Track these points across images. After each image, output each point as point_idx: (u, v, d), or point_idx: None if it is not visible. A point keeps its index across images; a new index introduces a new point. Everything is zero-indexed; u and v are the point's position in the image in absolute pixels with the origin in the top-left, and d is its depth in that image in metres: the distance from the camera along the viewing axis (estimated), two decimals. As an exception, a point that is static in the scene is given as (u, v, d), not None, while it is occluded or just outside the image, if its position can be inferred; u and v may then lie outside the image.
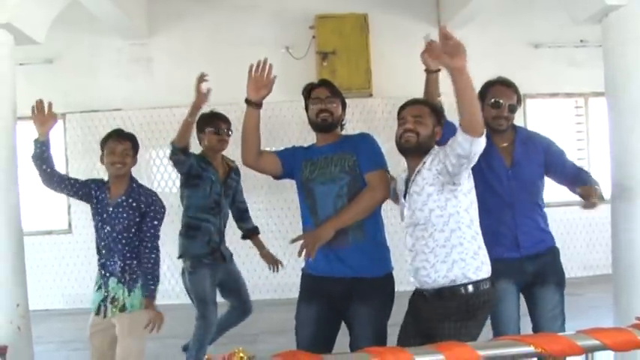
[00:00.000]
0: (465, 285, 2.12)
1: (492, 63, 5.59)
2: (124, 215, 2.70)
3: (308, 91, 2.60)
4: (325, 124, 2.49)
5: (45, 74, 5.39)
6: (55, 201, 5.61)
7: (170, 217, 3.04)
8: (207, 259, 3.25)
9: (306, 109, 2.59)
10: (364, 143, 2.50)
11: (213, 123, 3.31)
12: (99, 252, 2.78)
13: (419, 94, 2.91)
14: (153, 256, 2.72)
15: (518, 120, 2.75)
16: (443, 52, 1.93)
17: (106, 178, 2.80)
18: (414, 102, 2.37)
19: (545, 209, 2.65)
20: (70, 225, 5.64)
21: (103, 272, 2.74)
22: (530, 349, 1.37)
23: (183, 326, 5.07)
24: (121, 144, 2.71)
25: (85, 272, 5.52)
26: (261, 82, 2.42)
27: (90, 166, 5.54)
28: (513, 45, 5.83)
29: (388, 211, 2.68)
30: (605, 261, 3.05)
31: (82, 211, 2.86)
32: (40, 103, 2.76)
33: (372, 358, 1.30)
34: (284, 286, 5.33)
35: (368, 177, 2.42)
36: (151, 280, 2.69)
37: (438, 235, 2.16)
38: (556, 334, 1.43)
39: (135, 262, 2.73)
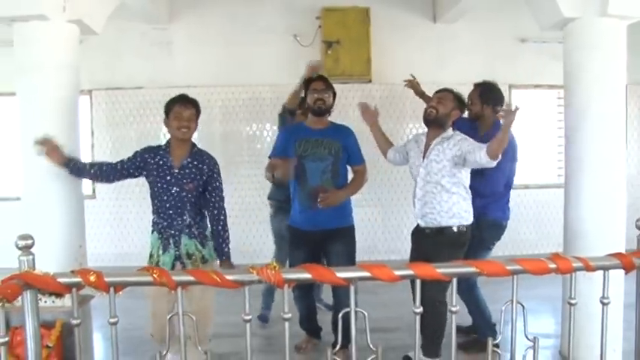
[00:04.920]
0: (458, 226, 2.97)
1: (481, 55, 6.06)
2: (192, 176, 2.71)
3: (307, 83, 3.27)
4: (320, 110, 3.18)
5: (75, 54, 5.80)
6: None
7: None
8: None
9: (305, 96, 3.27)
10: (351, 139, 3.23)
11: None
12: (161, 214, 2.74)
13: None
14: (222, 217, 2.75)
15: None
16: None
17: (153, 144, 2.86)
18: (443, 90, 3.13)
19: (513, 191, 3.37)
20: (94, 191, 6.03)
21: (170, 232, 2.73)
22: (474, 269, 1.95)
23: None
24: (187, 109, 2.69)
25: (106, 234, 6.02)
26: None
27: (113, 138, 6.02)
28: (501, 39, 6.12)
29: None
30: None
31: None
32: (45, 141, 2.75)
33: (362, 269, 1.84)
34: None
35: (356, 168, 3.25)
36: (223, 242, 2.74)
37: (444, 194, 2.96)
38: (493, 261, 2.00)
39: (199, 217, 2.79)
